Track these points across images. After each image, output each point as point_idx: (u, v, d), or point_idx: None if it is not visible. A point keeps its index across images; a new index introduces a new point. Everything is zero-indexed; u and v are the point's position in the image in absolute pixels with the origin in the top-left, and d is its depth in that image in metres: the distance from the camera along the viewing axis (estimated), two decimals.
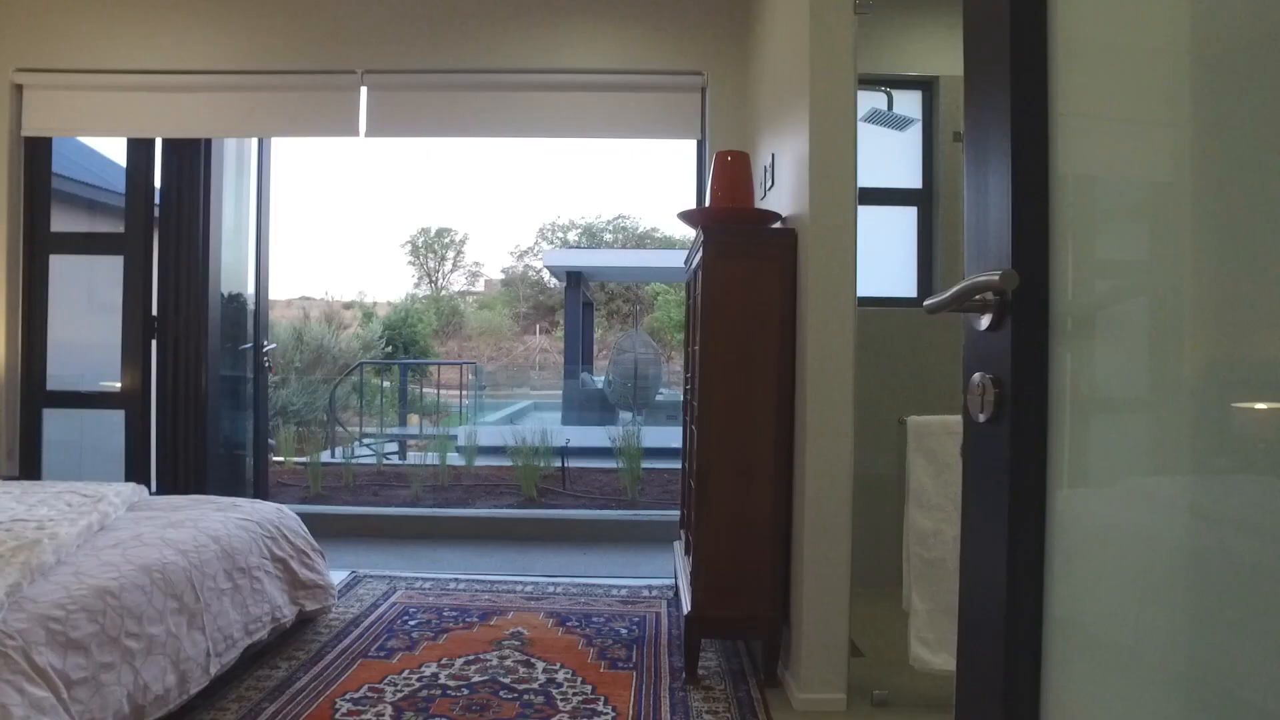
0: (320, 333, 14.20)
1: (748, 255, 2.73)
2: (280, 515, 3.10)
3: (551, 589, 3.85)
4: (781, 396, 2.71)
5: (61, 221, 4.41)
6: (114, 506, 2.75)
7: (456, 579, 4.00)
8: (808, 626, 2.58)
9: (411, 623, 3.32)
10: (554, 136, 4.07)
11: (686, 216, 3.06)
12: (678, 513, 5.24)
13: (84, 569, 2.18)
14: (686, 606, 2.81)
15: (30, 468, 4.15)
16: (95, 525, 2.53)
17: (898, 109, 4.16)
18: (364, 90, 3.98)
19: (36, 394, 4.16)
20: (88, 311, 4.53)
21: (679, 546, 3.63)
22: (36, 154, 4.15)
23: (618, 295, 26.83)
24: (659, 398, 12.62)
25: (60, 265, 4.22)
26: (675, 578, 3.71)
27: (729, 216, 2.91)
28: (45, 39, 4.06)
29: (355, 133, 3.98)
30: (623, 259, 17.75)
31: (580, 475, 7.11)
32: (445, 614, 3.44)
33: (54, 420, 4.36)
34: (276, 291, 22.65)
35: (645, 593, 3.82)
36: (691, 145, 4.25)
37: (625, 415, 11.70)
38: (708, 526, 2.73)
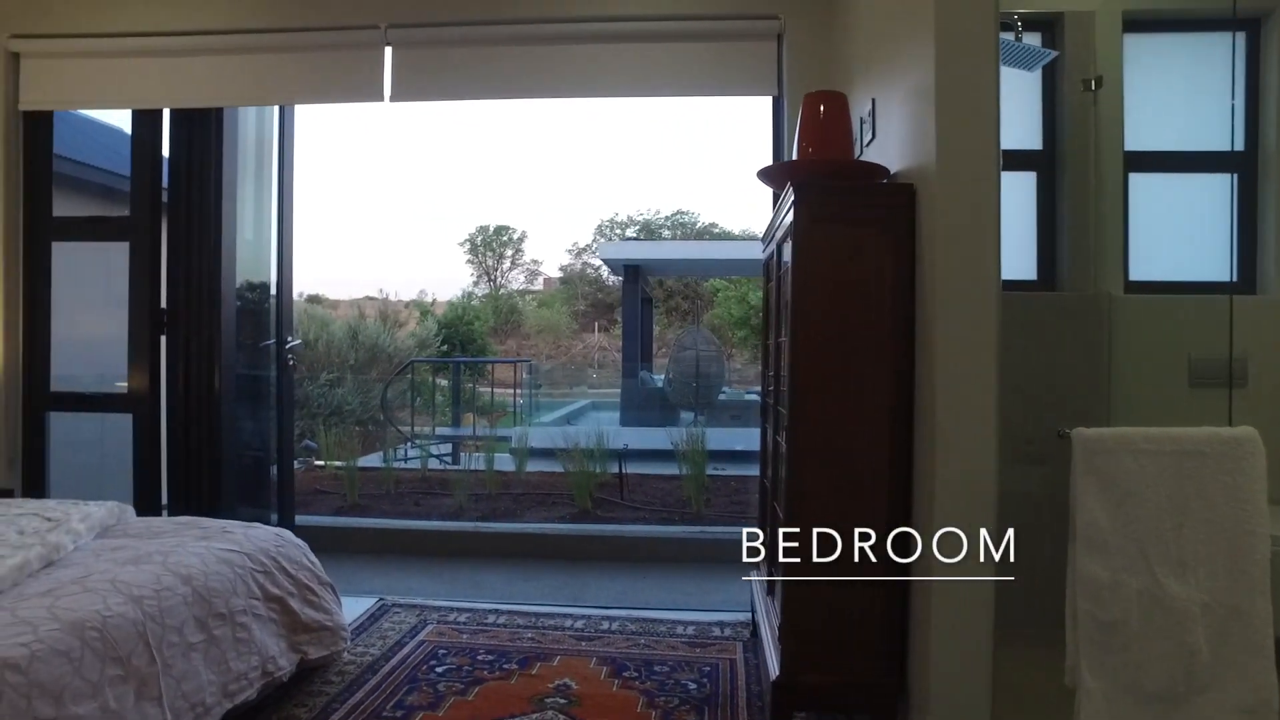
0: (376, 331, 13.94)
1: (851, 218, 2.12)
2: (279, 543, 2.59)
3: (606, 625, 3.28)
4: (897, 399, 2.09)
5: (75, 208, 4.02)
6: (73, 536, 2.28)
7: (496, 609, 3.47)
8: (936, 700, 1.95)
9: (439, 669, 2.79)
10: (604, 96, 3.50)
11: (769, 174, 2.45)
12: (754, 529, 4.62)
13: None
14: (773, 669, 2.20)
15: (34, 477, 3.75)
16: (34, 564, 2.05)
17: (1009, 58, 3.47)
18: (388, 50, 3.47)
19: (39, 396, 3.76)
20: (101, 305, 4.13)
21: (758, 578, 3.02)
22: (36, 130, 3.74)
23: (676, 292, 26.27)
24: (721, 397, 12.04)
25: (65, 254, 3.81)
26: (752, 612, 3.11)
27: (825, 171, 2.29)
28: (46, 2, 3.65)
29: (380, 97, 3.47)
30: (682, 251, 17.11)
31: (639, 483, 6.53)
32: (479, 658, 2.90)
33: (68, 424, 3.97)
34: (336, 291, 22.65)
35: (716, 631, 3.23)
36: (762, 117, 3.64)
37: (686, 415, 11.16)
38: (802, 569, 2.12)
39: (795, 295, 2.12)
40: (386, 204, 35.53)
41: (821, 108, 2.40)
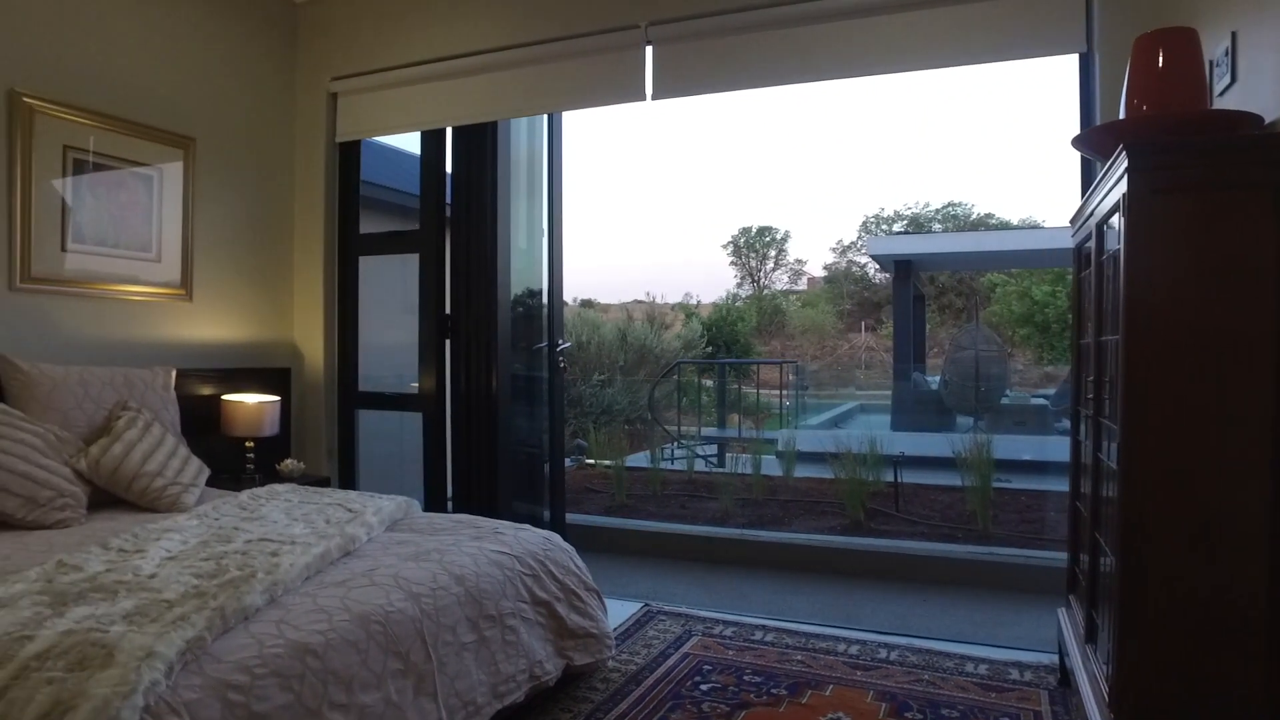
0: (644, 333, 14.38)
1: (1209, 184, 1.68)
2: (548, 547, 2.60)
3: (883, 653, 2.98)
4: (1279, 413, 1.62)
5: (375, 226, 4.43)
6: (367, 528, 2.42)
7: (764, 625, 3.29)
8: None
9: (703, 687, 2.66)
10: (879, 72, 3.19)
11: (1090, 140, 2.04)
12: (1053, 555, 4.04)
13: (291, 616, 1.78)
14: None
15: (347, 469, 4.19)
16: (335, 553, 2.19)
17: None
18: (649, 49, 3.42)
19: (350, 395, 4.19)
20: (398, 312, 4.52)
21: (1068, 618, 2.57)
22: (348, 159, 4.17)
23: (949, 288, 24.58)
24: (1004, 401, 10.98)
25: (369, 267, 4.22)
26: (1061, 656, 2.67)
27: (1168, 127, 1.85)
28: (356, 45, 4.06)
29: (641, 96, 3.43)
30: (958, 243, 15.83)
31: (915, 493, 6.04)
32: (745, 678, 2.74)
33: (374, 421, 4.39)
34: (606, 296, 23.77)
35: (1014, 673, 2.80)
36: (1047, 93, 3.13)
37: (963, 420, 10.32)
38: (1140, 619, 1.72)
39: (1130, 284, 1.71)
40: (652, 210, 36.85)
41: (1160, 51, 1.95)
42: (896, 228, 27.11)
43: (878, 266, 22.92)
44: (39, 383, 2.85)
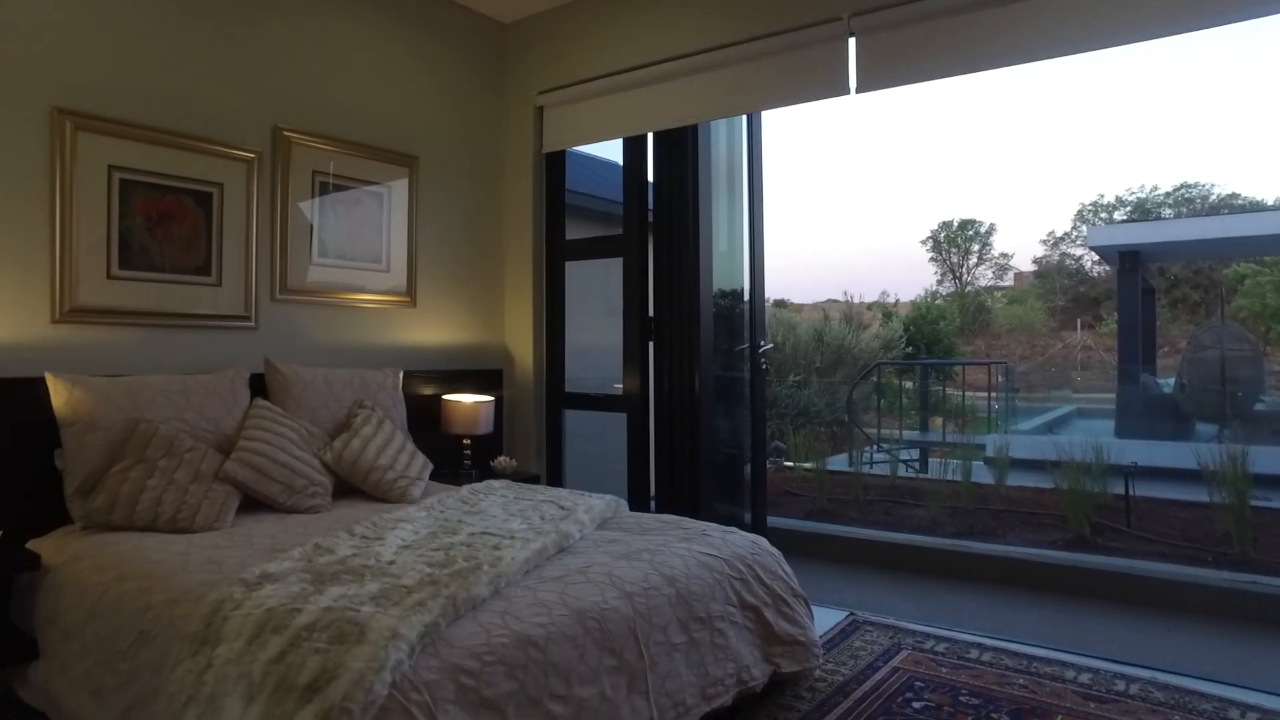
0: (840, 333, 14.01)
1: None
2: (755, 551, 2.57)
3: (1120, 685, 2.70)
4: None
5: (580, 233, 4.59)
6: (579, 526, 2.51)
7: (980, 643, 3.09)
8: None
9: (915, 704, 2.54)
10: (1116, 44, 2.88)
11: None
12: None
13: (514, 608, 1.87)
14: None
15: (554, 467, 4.37)
16: (550, 548, 2.28)
17: None
18: (852, 41, 3.31)
19: (557, 396, 4.37)
20: (603, 315, 4.66)
21: None
22: (553, 169, 4.36)
23: (1182, 280, 22.12)
24: (1258, 407, 9.72)
25: (574, 272, 4.38)
26: None
27: None
28: (559, 59, 4.23)
29: (845, 90, 3.32)
30: (1199, 229, 14.11)
31: (1149, 508, 5.45)
32: (961, 699, 2.58)
33: (579, 421, 4.55)
34: (800, 295, 23.36)
35: None
36: None
37: (1203, 428, 9.26)
38: None
39: None
40: (846, 206, 35.82)
41: None
42: (1119, 215, 24.79)
43: (1096, 258, 21.03)
44: (293, 383, 3.20)
